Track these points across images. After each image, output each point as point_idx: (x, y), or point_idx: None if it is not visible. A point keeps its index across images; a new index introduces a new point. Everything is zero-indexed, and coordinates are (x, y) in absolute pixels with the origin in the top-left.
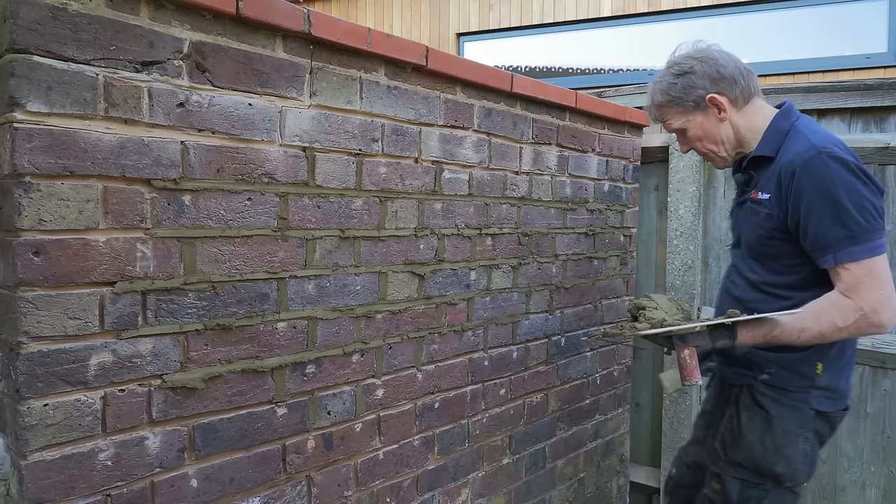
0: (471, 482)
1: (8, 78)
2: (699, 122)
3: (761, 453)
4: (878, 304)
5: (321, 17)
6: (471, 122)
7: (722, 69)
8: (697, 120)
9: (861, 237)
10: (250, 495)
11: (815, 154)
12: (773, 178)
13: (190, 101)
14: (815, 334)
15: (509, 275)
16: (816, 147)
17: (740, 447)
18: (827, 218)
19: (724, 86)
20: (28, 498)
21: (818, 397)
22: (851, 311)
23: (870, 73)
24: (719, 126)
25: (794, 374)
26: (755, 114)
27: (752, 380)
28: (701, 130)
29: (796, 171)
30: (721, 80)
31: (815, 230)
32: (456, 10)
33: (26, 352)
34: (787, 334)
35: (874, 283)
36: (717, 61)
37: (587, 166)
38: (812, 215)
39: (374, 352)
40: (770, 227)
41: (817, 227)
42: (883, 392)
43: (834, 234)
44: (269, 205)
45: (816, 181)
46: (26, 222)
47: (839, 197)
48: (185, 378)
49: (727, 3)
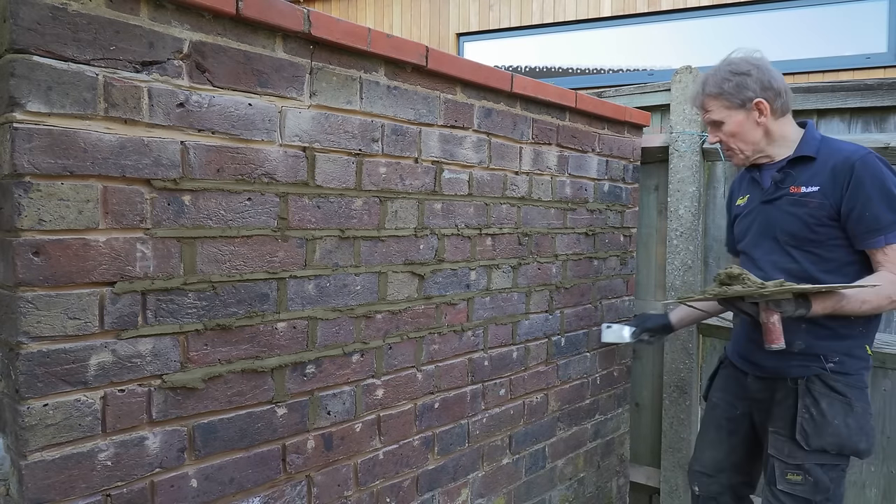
0: (471, 482)
1: (8, 78)
2: (739, 120)
3: (847, 434)
4: None
5: (321, 17)
6: (471, 122)
7: (773, 81)
8: (738, 118)
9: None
10: (250, 495)
11: (867, 153)
12: (824, 174)
13: (190, 101)
14: (875, 306)
15: (509, 275)
16: (864, 149)
17: (826, 433)
18: (883, 205)
19: (771, 95)
20: (28, 498)
21: (869, 376)
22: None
23: (870, 73)
24: (755, 128)
25: (853, 358)
26: (786, 125)
27: (819, 369)
28: (738, 128)
29: (855, 165)
30: (770, 90)
31: (872, 215)
32: (456, 10)
33: (26, 352)
34: (851, 305)
35: None
36: (770, 72)
37: (587, 166)
38: (871, 202)
39: (374, 352)
40: (822, 216)
41: (875, 212)
42: (883, 392)
43: (887, 218)
44: (269, 205)
45: (873, 174)
46: (26, 222)
47: (889, 187)
48: (185, 378)
49: (727, 3)
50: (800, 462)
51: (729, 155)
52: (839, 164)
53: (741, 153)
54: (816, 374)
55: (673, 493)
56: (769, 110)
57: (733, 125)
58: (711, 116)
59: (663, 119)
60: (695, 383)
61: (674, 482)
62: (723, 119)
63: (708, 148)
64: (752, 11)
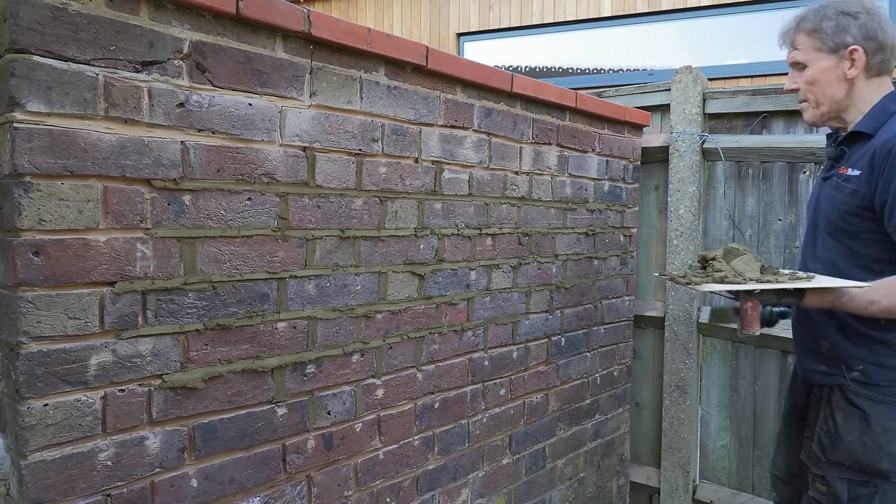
0: (471, 482)
1: (8, 78)
2: (825, 67)
3: (862, 452)
4: None
5: (321, 17)
6: (471, 122)
7: (881, 32)
8: (826, 64)
9: None
10: (250, 495)
11: None
12: (867, 156)
13: (190, 101)
14: (884, 308)
15: (509, 275)
16: None
17: (839, 448)
18: None
19: (873, 46)
20: (28, 498)
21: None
22: None
23: None
24: (839, 82)
25: (884, 368)
26: (877, 89)
27: (841, 379)
28: (822, 75)
29: (893, 151)
30: (873, 41)
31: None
32: (456, 10)
33: (26, 352)
34: (856, 303)
35: None
36: (882, 22)
37: (587, 166)
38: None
39: (374, 352)
40: (854, 204)
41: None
42: None
43: None
44: (269, 205)
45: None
46: (26, 222)
47: None
48: (185, 378)
49: (727, 3)
50: (822, 472)
51: (803, 106)
52: (879, 148)
53: (815, 107)
54: (839, 385)
55: (673, 493)
56: (863, 64)
57: (817, 71)
58: (796, 56)
59: (663, 119)
60: (695, 383)
61: (674, 482)
62: (807, 61)
63: (708, 148)
64: (752, 11)
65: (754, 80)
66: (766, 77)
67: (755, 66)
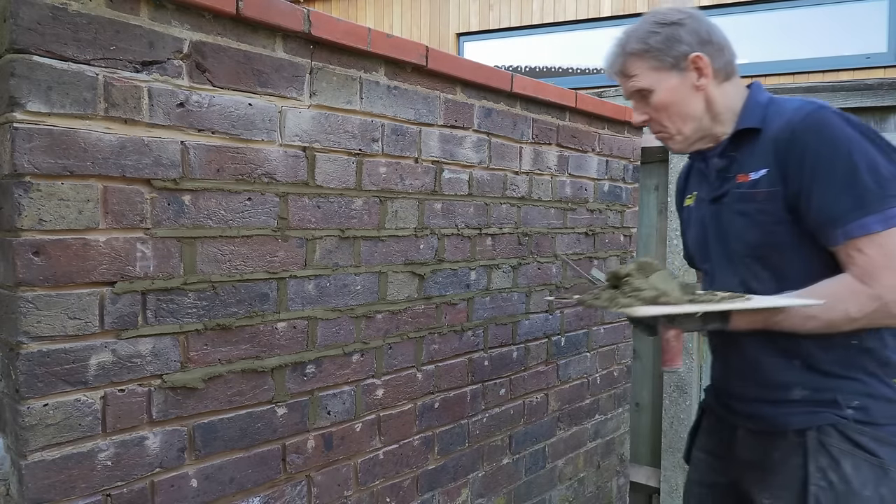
0: (471, 482)
1: (8, 78)
2: (672, 86)
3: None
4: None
5: (321, 17)
6: (471, 122)
7: (713, 32)
8: (671, 82)
9: (874, 205)
10: (250, 495)
11: (816, 108)
12: (768, 149)
13: (190, 101)
14: (825, 323)
15: (509, 275)
16: (812, 103)
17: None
18: (834, 183)
19: (711, 50)
20: (28, 498)
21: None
22: (868, 299)
23: (870, 73)
24: (692, 96)
25: (881, 401)
26: (732, 93)
27: (835, 416)
28: (670, 96)
29: (795, 130)
30: (709, 44)
31: (819, 199)
32: (456, 10)
33: (26, 352)
34: (791, 321)
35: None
36: (709, 23)
37: (587, 166)
38: (817, 181)
39: (374, 352)
40: (775, 210)
41: (823, 195)
42: None
43: (842, 203)
44: (269, 205)
45: (819, 139)
46: (26, 222)
47: (847, 157)
48: (185, 378)
49: (727, 3)
50: None
51: (663, 137)
52: (780, 132)
53: (678, 133)
54: (832, 424)
55: (673, 493)
56: (710, 70)
57: (665, 93)
58: (636, 83)
59: None
60: (695, 383)
61: (674, 482)
62: (651, 86)
63: None
64: (752, 11)
65: None
66: (765, 77)
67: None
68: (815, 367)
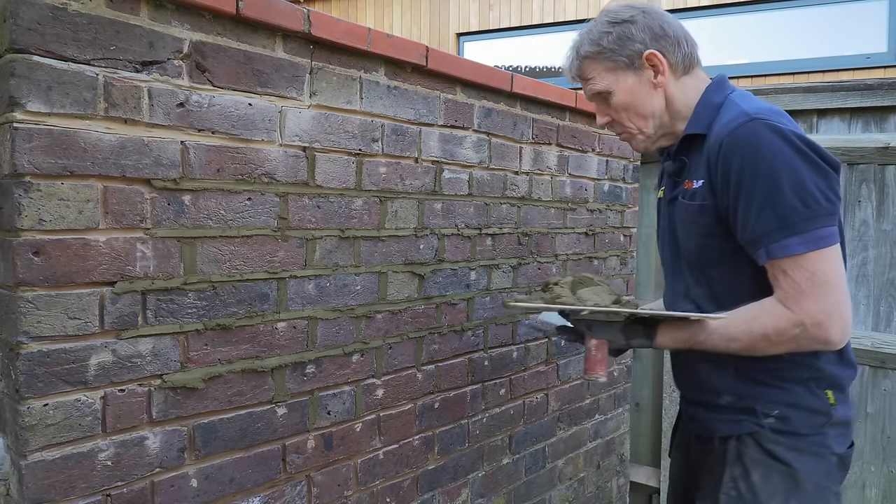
0: (471, 482)
1: (8, 78)
2: (629, 86)
3: None
4: (823, 316)
5: (321, 17)
6: (471, 122)
7: (666, 26)
8: (628, 82)
9: (799, 226)
10: (250, 495)
11: (746, 121)
12: (704, 160)
13: (190, 101)
14: (746, 345)
15: (509, 275)
16: (748, 114)
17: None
18: (756, 201)
19: (667, 45)
20: (28, 498)
21: (836, 437)
22: (789, 324)
23: (870, 73)
24: (651, 94)
25: (804, 411)
26: (694, 86)
27: (754, 426)
28: (629, 96)
29: (723, 144)
30: (664, 38)
31: (743, 217)
32: (456, 10)
33: (26, 352)
34: (715, 341)
35: (818, 288)
36: (662, 16)
37: (587, 166)
38: (741, 197)
39: (374, 352)
40: (706, 222)
41: (746, 212)
42: (883, 392)
43: (764, 222)
44: (269, 205)
45: (744, 154)
46: (26, 222)
47: (771, 173)
48: (185, 378)
49: (727, 3)
50: None
51: (626, 137)
52: (711, 145)
53: (641, 132)
54: (750, 433)
55: None
56: (666, 66)
57: (623, 94)
58: (594, 86)
59: None
60: None
61: None
62: (609, 88)
63: None
64: (752, 11)
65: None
66: (765, 77)
67: (755, 66)
68: (745, 375)
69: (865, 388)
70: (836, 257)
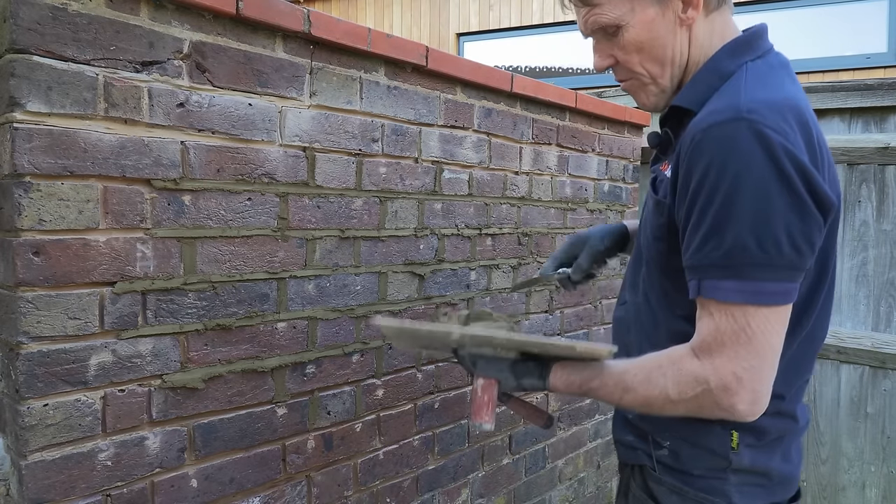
0: (471, 482)
1: (8, 78)
2: (648, 19)
3: None
4: (731, 379)
5: (321, 17)
6: (471, 122)
7: None
8: (647, 14)
9: (743, 270)
10: (250, 495)
11: (730, 119)
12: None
13: (190, 101)
14: (641, 400)
15: (509, 275)
16: (738, 109)
17: None
18: (705, 223)
19: None
20: (28, 498)
21: (740, 486)
22: (692, 380)
23: (870, 73)
24: (674, 32)
25: (697, 449)
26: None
27: (645, 457)
28: (646, 33)
29: (694, 139)
30: None
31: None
32: (456, 10)
33: (26, 352)
34: (608, 391)
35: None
36: None
37: (587, 166)
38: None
39: (374, 352)
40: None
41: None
42: (883, 392)
43: (706, 252)
44: (269, 205)
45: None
46: (26, 222)
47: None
48: (185, 378)
49: None
50: None
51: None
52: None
53: (653, 83)
54: (641, 465)
55: None
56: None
57: (639, 30)
58: (600, 17)
59: None
60: None
61: None
62: (620, 20)
63: None
64: (752, 11)
65: None
66: None
67: None
68: None
69: (865, 388)
70: (778, 321)
